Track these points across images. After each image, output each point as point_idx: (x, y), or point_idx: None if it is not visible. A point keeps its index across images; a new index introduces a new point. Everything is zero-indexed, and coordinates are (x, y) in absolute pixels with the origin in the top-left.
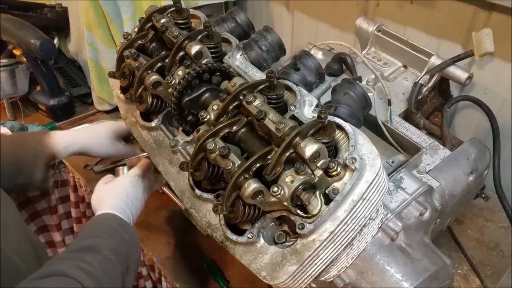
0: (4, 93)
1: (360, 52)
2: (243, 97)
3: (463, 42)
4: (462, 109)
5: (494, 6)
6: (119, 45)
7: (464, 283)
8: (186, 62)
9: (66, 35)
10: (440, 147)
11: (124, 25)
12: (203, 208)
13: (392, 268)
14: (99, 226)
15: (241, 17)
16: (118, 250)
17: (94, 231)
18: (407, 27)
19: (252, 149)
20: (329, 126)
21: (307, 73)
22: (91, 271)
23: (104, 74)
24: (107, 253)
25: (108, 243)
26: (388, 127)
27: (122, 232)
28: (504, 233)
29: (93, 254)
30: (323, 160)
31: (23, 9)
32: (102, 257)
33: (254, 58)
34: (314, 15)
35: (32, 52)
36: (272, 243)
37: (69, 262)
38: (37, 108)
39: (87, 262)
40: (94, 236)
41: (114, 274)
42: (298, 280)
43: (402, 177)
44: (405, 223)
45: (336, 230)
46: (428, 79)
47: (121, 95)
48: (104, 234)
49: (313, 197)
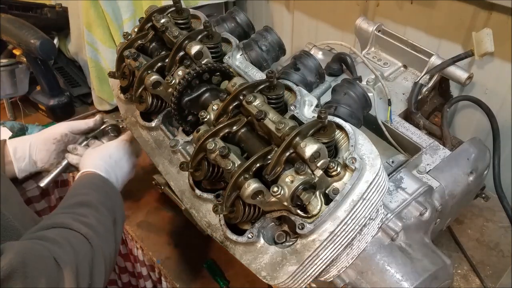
0: (4, 93)
1: (360, 52)
2: (243, 97)
3: (463, 42)
4: (462, 109)
5: (494, 6)
6: (119, 45)
7: (464, 283)
8: (186, 62)
9: (66, 35)
10: (440, 147)
11: (124, 25)
12: (203, 208)
13: (392, 268)
14: (85, 185)
15: (241, 17)
16: (105, 203)
17: (81, 189)
18: (407, 27)
19: (252, 149)
20: (329, 126)
21: (307, 73)
22: (87, 222)
23: (104, 74)
24: (98, 206)
25: (96, 198)
26: (388, 127)
27: (106, 187)
28: (504, 233)
29: (86, 208)
30: (323, 160)
31: (23, 9)
32: (93, 210)
33: (254, 58)
34: (314, 15)
35: (32, 52)
36: (272, 243)
37: (66, 216)
38: (37, 108)
39: (82, 214)
40: (83, 194)
41: (106, 225)
42: (298, 280)
43: (402, 177)
44: (405, 223)
45: (336, 230)
46: (428, 79)
47: (121, 95)
48: (91, 191)
49: (313, 197)
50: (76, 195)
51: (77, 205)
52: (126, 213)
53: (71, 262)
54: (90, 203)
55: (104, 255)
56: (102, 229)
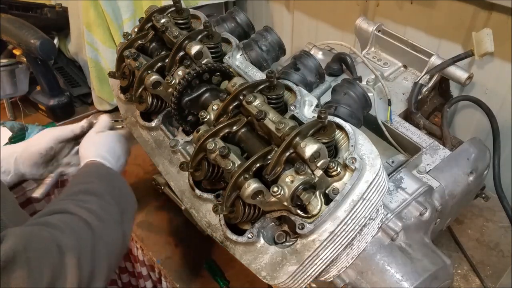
0: (4, 93)
1: (360, 52)
2: (243, 97)
3: (463, 42)
4: (462, 109)
5: (494, 6)
6: (119, 45)
7: (464, 283)
8: (186, 62)
9: (66, 35)
10: (440, 147)
11: (124, 25)
12: (203, 208)
13: (392, 268)
14: (91, 174)
15: (241, 17)
16: (112, 192)
17: (86, 177)
18: (407, 27)
19: (252, 149)
20: (329, 126)
21: (307, 73)
22: (89, 207)
23: (104, 74)
24: (103, 194)
25: (101, 186)
26: (388, 127)
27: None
28: (504, 233)
29: (89, 196)
30: (323, 160)
31: (23, 9)
32: (98, 197)
33: (254, 58)
34: (314, 15)
35: (32, 52)
36: (272, 243)
37: (70, 202)
38: (37, 108)
39: (85, 201)
40: (87, 182)
41: (112, 213)
42: (298, 280)
43: (402, 177)
44: (405, 223)
45: (336, 230)
46: (428, 79)
47: (121, 95)
48: (96, 180)
49: (313, 197)
50: (81, 183)
51: (81, 192)
52: None
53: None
54: (94, 191)
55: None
56: (106, 216)
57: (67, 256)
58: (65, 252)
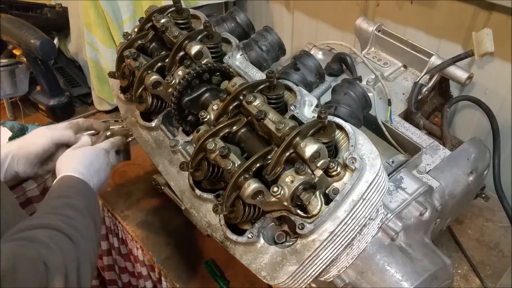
0: (4, 93)
1: (360, 52)
2: (243, 97)
3: (463, 42)
4: (462, 109)
5: (494, 6)
6: (119, 45)
7: (464, 283)
8: (186, 62)
9: (66, 35)
10: (440, 147)
11: (124, 25)
12: (203, 208)
13: (392, 268)
14: (70, 188)
15: (241, 17)
16: (88, 208)
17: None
18: (407, 27)
19: (252, 149)
20: (329, 126)
21: (307, 73)
22: (75, 225)
23: (104, 74)
24: (83, 210)
25: (80, 202)
26: (388, 127)
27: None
28: (504, 233)
29: (73, 211)
30: (323, 160)
31: (23, 9)
32: (79, 213)
33: (254, 58)
34: (314, 15)
35: (32, 52)
36: (272, 243)
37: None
38: (37, 108)
39: (70, 217)
40: (68, 196)
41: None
42: (298, 280)
43: (402, 177)
44: (405, 223)
45: (336, 230)
46: (428, 79)
47: (121, 95)
48: (75, 195)
49: (313, 197)
50: (62, 197)
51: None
52: (126, 213)
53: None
54: (76, 207)
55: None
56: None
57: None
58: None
